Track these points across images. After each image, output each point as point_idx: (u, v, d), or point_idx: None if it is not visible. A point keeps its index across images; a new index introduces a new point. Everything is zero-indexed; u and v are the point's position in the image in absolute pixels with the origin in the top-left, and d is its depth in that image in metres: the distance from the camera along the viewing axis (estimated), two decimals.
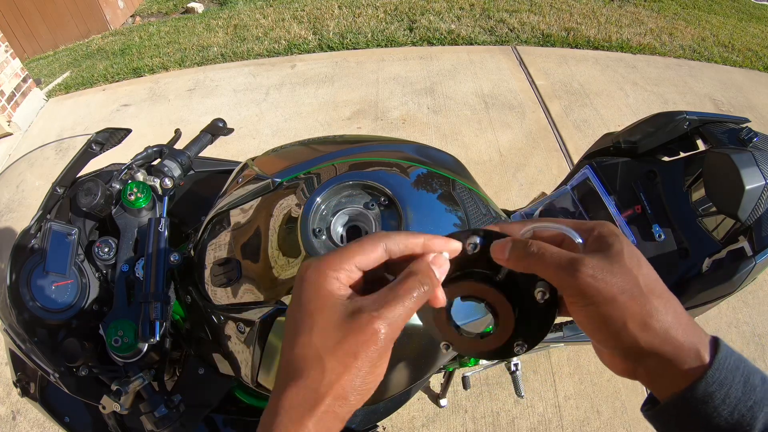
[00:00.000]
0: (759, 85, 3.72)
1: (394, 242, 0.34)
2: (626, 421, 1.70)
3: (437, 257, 0.35)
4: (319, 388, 0.30)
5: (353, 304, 0.32)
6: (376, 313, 0.31)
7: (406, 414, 1.72)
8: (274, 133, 3.03)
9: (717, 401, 0.30)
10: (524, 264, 0.35)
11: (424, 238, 0.36)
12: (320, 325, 0.31)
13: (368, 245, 0.34)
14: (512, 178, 2.65)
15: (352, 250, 0.33)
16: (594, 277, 0.32)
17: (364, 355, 0.30)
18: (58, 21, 4.97)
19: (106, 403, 0.78)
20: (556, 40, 4.01)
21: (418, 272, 0.33)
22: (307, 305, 0.32)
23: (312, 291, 0.32)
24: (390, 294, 0.32)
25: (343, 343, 0.30)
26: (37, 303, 0.82)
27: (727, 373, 0.30)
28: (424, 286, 0.33)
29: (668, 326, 0.31)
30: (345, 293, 0.32)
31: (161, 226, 0.86)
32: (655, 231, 1.00)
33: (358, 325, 0.30)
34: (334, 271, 0.33)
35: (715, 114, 1.04)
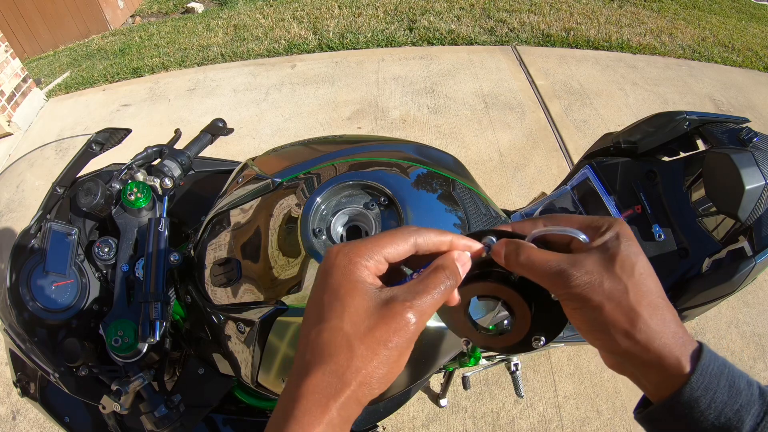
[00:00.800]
0: (759, 85, 3.72)
1: (423, 238, 0.35)
2: (626, 421, 1.70)
3: (461, 255, 0.36)
4: (346, 373, 0.30)
5: (385, 292, 0.32)
6: (409, 302, 0.31)
7: (406, 414, 1.72)
8: (274, 133, 3.03)
9: (703, 406, 0.30)
10: (518, 270, 0.37)
11: (452, 237, 0.37)
12: (351, 310, 0.31)
13: (399, 238, 0.34)
14: (512, 178, 2.65)
15: (384, 241, 0.34)
16: (581, 286, 0.33)
17: (395, 343, 0.31)
18: (58, 21, 4.97)
19: (106, 403, 0.78)
20: (556, 40, 4.01)
21: (446, 267, 0.34)
22: (338, 290, 0.32)
23: (342, 276, 0.32)
24: (420, 285, 0.33)
25: (375, 330, 0.30)
26: (37, 303, 0.82)
27: (711, 379, 0.31)
28: (449, 280, 0.34)
29: (651, 336, 0.32)
30: (374, 281, 0.33)
31: (161, 226, 0.86)
32: (655, 231, 1.00)
33: (392, 313, 0.31)
34: (363, 260, 0.33)
35: (715, 114, 1.04)
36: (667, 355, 0.32)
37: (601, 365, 1.84)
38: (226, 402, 0.97)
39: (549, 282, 0.35)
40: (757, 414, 0.30)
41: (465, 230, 0.79)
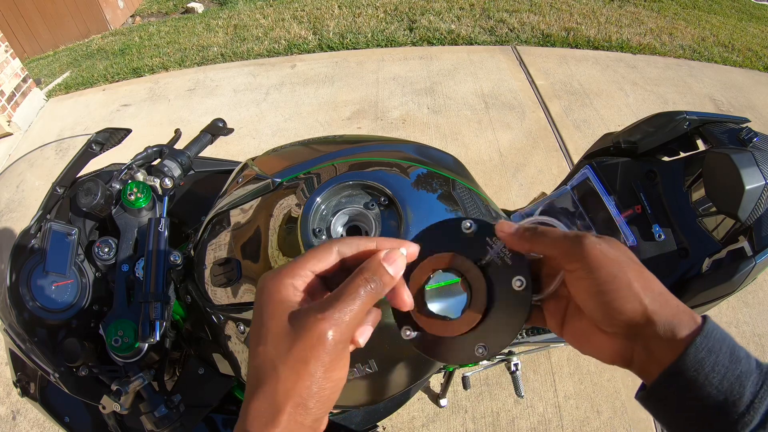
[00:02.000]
0: (759, 85, 3.72)
1: (346, 245, 0.35)
2: (626, 421, 1.70)
3: (390, 253, 0.35)
4: (276, 397, 0.30)
5: (301, 308, 0.32)
6: (321, 315, 0.30)
7: (406, 414, 1.72)
8: (274, 133, 3.03)
9: (707, 368, 0.30)
10: (528, 241, 0.37)
11: (378, 239, 0.36)
12: (273, 332, 0.31)
13: (321, 250, 0.35)
14: (512, 178, 2.65)
15: (306, 256, 0.34)
16: (598, 243, 0.34)
17: (315, 360, 0.30)
18: (58, 21, 4.97)
19: (106, 403, 0.78)
20: (556, 40, 4.01)
21: (366, 269, 0.33)
22: (262, 315, 0.32)
23: (266, 299, 0.33)
24: (336, 295, 0.32)
25: (293, 349, 0.30)
26: (37, 303, 0.82)
27: (714, 342, 0.31)
28: (371, 283, 0.33)
29: (661, 300, 0.33)
30: (298, 299, 0.33)
31: (161, 226, 0.86)
32: (655, 231, 1.00)
33: (304, 329, 0.30)
34: (290, 278, 0.33)
35: (715, 114, 1.04)
36: (682, 309, 0.33)
37: (601, 365, 1.84)
38: (226, 402, 0.97)
39: (565, 243, 0.35)
40: (756, 383, 0.30)
41: None
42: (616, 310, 0.33)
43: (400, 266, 0.35)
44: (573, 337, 0.38)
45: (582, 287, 0.35)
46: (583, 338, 0.37)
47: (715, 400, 0.30)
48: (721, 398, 0.30)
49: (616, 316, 0.33)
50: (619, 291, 0.33)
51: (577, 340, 0.38)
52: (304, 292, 0.34)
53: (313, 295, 0.34)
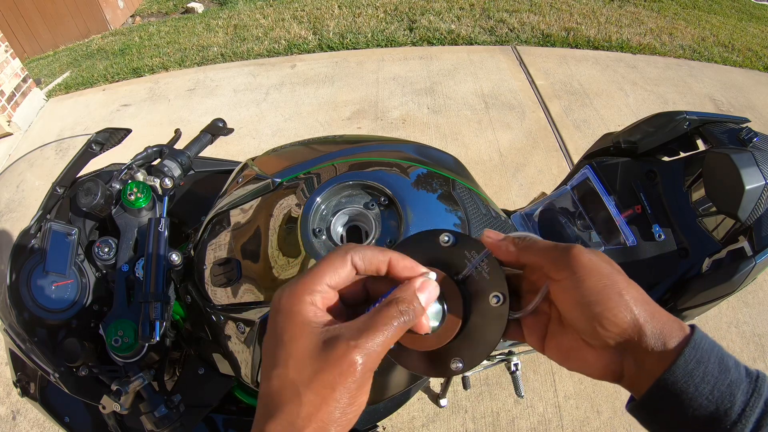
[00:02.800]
0: (759, 85, 3.72)
1: (359, 256, 0.34)
2: (626, 421, 1.70)
3: (425, 283, 0.34)
4: (297, 421, 0.29)
5: (329, 332, 0.31)
6: (354, 342, 0.29)
7: (406, 414, 1.72)
8: (274, 133, 3.03)
9: (697, 379, 0.30)
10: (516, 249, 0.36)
11: (391, 256, 0.35)
12: (296, 356, 0.30)
13: (336, 260, 0.33)
14: (512, 178, 2.65)
15: (322, 268, 0.33)
16: (587, 253, 0.34)
17: (342, 387, 0.29)
18: (58, 21, 4.97)
19: (106, 403, 0.78)
20: (556, 40, 4.01)
21: (400, 301, 0.32)
22: (282, 335, 0.31)
23: (285, 320, 0.31)
24: (369, 322, 0.31)
25: (320, 374, 0.29)
26: (37, 303, 0.82)
27: (703, 353, 0.31)
28: (404, 315, 0.32)
29: (651, 310, 0.33)
30: (322, 319, 0.31)
31: (161, 226, 0.86)
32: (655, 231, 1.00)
33: (335, 355, 0.29)
34: (309, 295, 0.32)
35: (715, 114, 1.04)
36: (671, 320, 0.32)
37: None
38: (226, 402, 0.97)
39: (553, 253, 0.34)
40: (746, 391, 0.30)
41: (465, 231, 0.79)
42: (607, 320, 0.32)
43: (432, 296, 0.35)
44: (557, 354, 0.37)
45: (569, 298, 0.34)
46: (569, 354, 0.36)
47: (707, 411, 0.30)
48: (712, 408, 0.30)
49: (607, 326, 0.32)
50: (609, 301, 0.32)
51: (561, 356, 0.37)
52: (326, 310, 0.33)
53: (332, 310, 0.33)
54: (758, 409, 0.30)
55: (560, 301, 0.35)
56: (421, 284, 0.34)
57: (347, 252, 0.33)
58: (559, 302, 0.35)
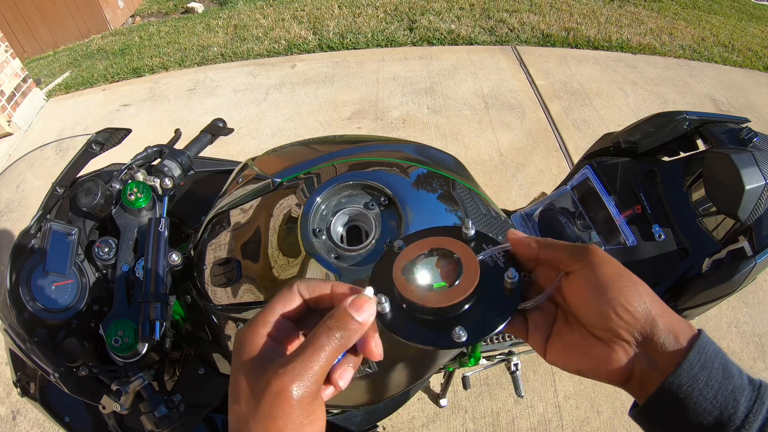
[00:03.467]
0: (759, 85, 3.72)
1: (304, 286, 0.35)
2: (626, 421, 1.70)
3: (357, 300, 0.34)
4: None
5: (267, 363, 0.31)
6: (282, 369, 0.30)
7: (406, 414, 1.72)
8: (274, 133, 3.03)
9: (701, 383, 0.30)
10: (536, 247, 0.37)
11: (332, 284, 0.36)
12: (243, 390, 0.31)
13: (286, 291, 0.35)
14: (512, 178, 2.65)
15: (273, 300, 0.35)
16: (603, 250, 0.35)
17: (282, 416, 0.29)
18: (58, 21, 4.97)
19: (106, 403, 0.78)
20: (556, 40, 4.01)
21: (330, 318, 0.33)
22: (237, 371, 0.32)
23: (239, 354, 0.32)
24: (301, 347, 0.31)
25: (260, 407, 0.30)
26: (37, 303, 0.82)
27: (707, 358, 0.31)
28: (336, 332, 0.32)
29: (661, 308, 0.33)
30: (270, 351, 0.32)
31: (161, 226, 0.86)
32: (655, 231, 1.00)
33: (268, 386, 0.30)
34: (263, 327, 0.33)
35: (715, 114, 1.04)
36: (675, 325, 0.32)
37: None
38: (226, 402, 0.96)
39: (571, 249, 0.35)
40: (749, 398, 0.30)
41: None
42: (621, 307, 0.32)
43: (368, 313, 0.34)
44: (562, 353, 0.37)
45: (584, 285, 0.34)
46: (575, 351, 0.36)
47: (710, 416, 0.30)
48: (716, 413, 0.30)
49: (621, 313, 0.32)
50: (625, 287, 0.33)
51: (567, 354, 0.36)
52: (276, 340, 0.33)
53: (286, 341, 0.34)
54: (761, 416, 0.30)
55: (574, 290, 0.35)
56: (352, 302, 0.34)
57: (293, 284, 0.36)
58: (573, 292, 0.36)
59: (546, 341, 0.38)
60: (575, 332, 0.36)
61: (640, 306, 0.32)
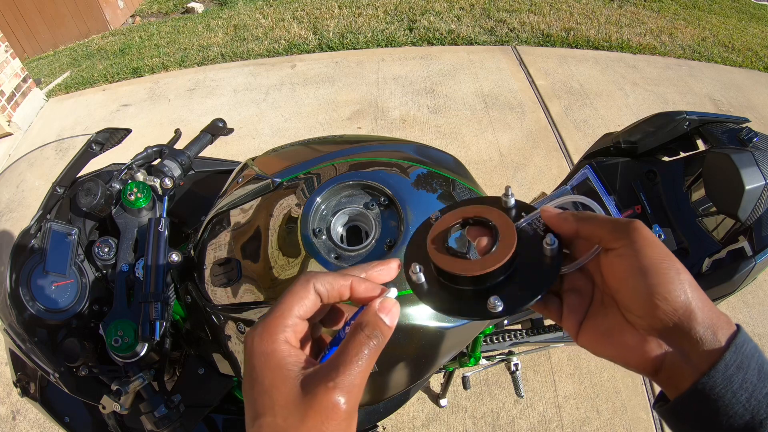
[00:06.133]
0: (759, 85, 3.72)
1: (321, 283, 0.33)
2: (626, 421, 1.70)
3: (384, 303, 0.34)
4: None
5: (307, 374, 0.30)
6: (332, 383, 0.29)
7: (406, 414, 1.72)
8: (274, 133, 3.03)
9: (735, 385, 0.29)
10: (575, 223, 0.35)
11: (352, 280, 0.34)
12: (280, 403, 0.30)
13: (300, 290, 0.33)
14: (512, 178, 2.65)
15: (288, 302, 0.33)
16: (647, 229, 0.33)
17: (332, 428, 0.29)
18: (58, 21, 4.97)
19: (106, 403, 0.78)
20: (556, 40, 4.01)
21: (365, 326, 0.32)
22: (263, 381, 0.31)
23: (263, 364, 0.31)
24: (342, 358, 0.31)
25: (306, 420, 0.29)
26: (37, 303, 0.82)
27: (744, 358, 0.30)
28: (373, 340, 0.31)
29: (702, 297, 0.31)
30: (297, 359, 0.31)
31: (161, 226, 0.86)
32: (655, 231, 1.00)
33: (317, 401, 0.29)
34: (281, 332, 0.32)
35: (715, 114, 1.04)
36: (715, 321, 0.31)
37: (601, 365, 1.84)
38: (226, 402, 0.97)
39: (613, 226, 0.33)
40: None
41: None
42: (661, 295, 0.30)
43: (395, 314, 0.34)
44: (593, 337, 0.36)
45: (625, 266, 0.32)
46: (607, 337, 0.35)
47: (742, 419, 0.29)
48: (748, 417, 0.29)
49: (659, 302, 0.31)
50: (667, 274, 0.31)
51: (598, 339, 0.35)
52: (300, 347, 0.33)
53: (305, 341, 0.34)
54: None
55: (613, 268, 0.34)
56: (380, 305, 0.33)
57: (309, 281, 0.33)
58: (611, 271, 0.34)
59: (580, 325, 0.37)
60: (609, 316, 0.35)
61: (681, 295, 0.31)
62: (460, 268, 0.35)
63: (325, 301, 0.34)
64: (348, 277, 0.34)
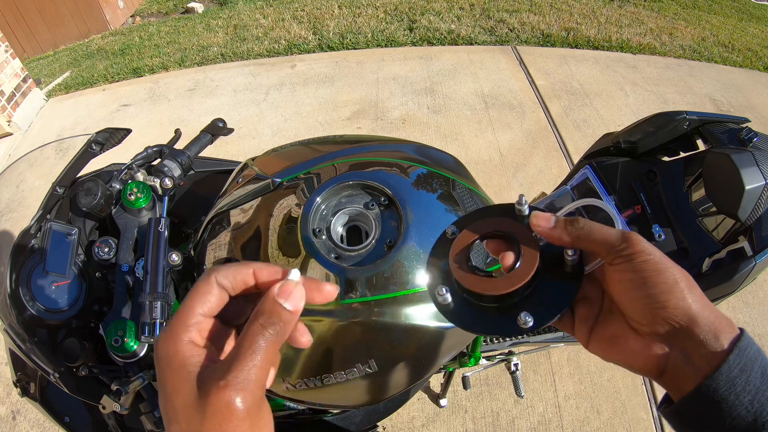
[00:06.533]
0: (759, 85, 3.72)
1: (222, 275, 0.32)
2: (626, 421, 1.70)
3: (284, 287, 0.31)
4: None
5: (203, 375, 0.29)
6: (223, 381, 0.27)
7: (406, 414, 1.72)
8: (274, 133, 3.03)
9: (739, 388, 0.30)
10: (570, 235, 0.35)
11: (254, 267, 0.33)
12: (181, 408, 0.28)
13: (202, 287, 0.32)
14: (512, 178, 2.65)
15: (190, 301, 0.31)
16: (645, 242, 0.33)
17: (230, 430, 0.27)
18: (58, 21, 4.97)
19: (106, 403, 0.78)
20: (556, 40, 4.01)
21: (260, 314, 0.30)
22: (165, 386, 0.29)
23: (166, 367, 0.29)
24: (236, 352, 0.29)
25: (205, 423, 0.27)
26: (37, 303, 0.82)
27: (747, 360, 0.30)
28: (269, 329, 0.29)
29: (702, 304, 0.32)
30: (199, 358, 0.30)
31: (161, 226, 0.86)
32: (655, 231, 1.00)
33: (210, 401, 0.27)
34: (184, 333, 0.30)
35: (715, 114, 1.04)
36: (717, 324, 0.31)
37: (601, 365, 1.84)
38: None
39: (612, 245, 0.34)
40: None
41: None
42: (660, 305, 0.31)
43: (298, 298, 0.31)
44: (601, 343, 0.36)
45: (624, 279, 0.33)
46: (614, 343, 0.35)
47: (744, 421, 0.29)
48: (750, 419, 0.29)
49: (659, 311, 0.32)
50: (665, 284, 0.32)
51: (605, 345, 0.36)
52: (205, 345, 0.31)
53: (215, 338, 0.32)
54: None
55: (614, 281, 0.35)
56: (279, 289, 0.31)
57: (210, 275, 0.32)
58: (612, 283, 0.35)
59: (590, 333, 0.37)
60: (615, 322, 0.36)
61: (680, 302, 0.31)
62: (488, 287, 0.35)
63: (232, 293, 0.32)
64: (250, 265, 0.33)
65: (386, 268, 0.70)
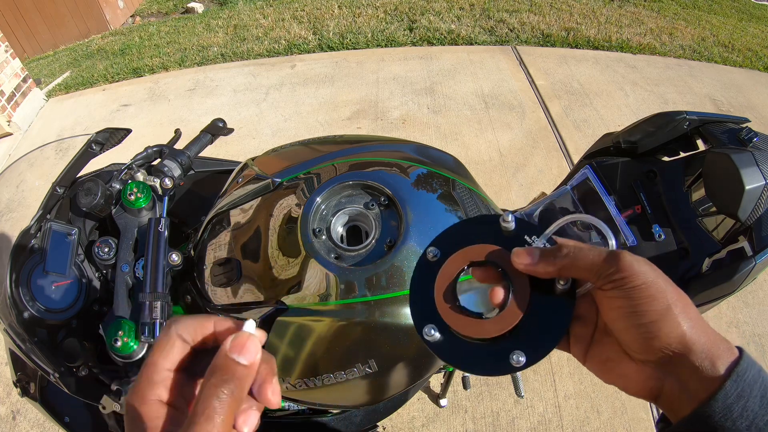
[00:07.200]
0: (759, 85, 3.72)
1: (182, 328, 0.31)
2: (626, 421, 1.70)
3: (236, 341, 0.29)
4: None
5: None
6: None
7: (406, 414, 1.72)
8: (274, 133, 3.03)
9: (735, 414, 0.29)
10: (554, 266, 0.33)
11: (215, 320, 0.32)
12: None
13: (164, 342, 0.31)
14: (512, 178, 2.65)
15: (154, 357, 0.30)
16: (635, 262, 0.31)
17: None
18: (58, 21, 4.98)
19: (106, 403, 0.78)
20: (556, 40, 4.01)
21: (214, 372, 0.28)
22: None
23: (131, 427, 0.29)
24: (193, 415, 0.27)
25: None
26: (37, 303, 0.82)
27: (745, 386, 0.30)
28: (223, 388, 0.28)
29: (701, 317, 0.31)
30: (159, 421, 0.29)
31: (161, 226, 0.86)
32: (655, 231, 1.00)
33: None
34: (151, 391, 0.29)
35: (715, 114, 1.04)
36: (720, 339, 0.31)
37: None
38: None
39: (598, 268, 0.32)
40: None
41: None
42: (652, 334, 0.30)
43: (253, 351, 0.29)
44: (597, 365, 0.36)
45: (614, 306, 0.32)
46: (608, 366, 0.35)
47: None
48: None
49: (651, 341, 0.31)
50: (656, 312, 0.30)
51: (600, 368, 0.35)
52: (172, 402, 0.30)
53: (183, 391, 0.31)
54: None
55: (605, 308, 0.34)
56: (231, 344, 0.29)
57: (169, 328, 0.31)
58: (604, 310, 0.34)
59: (586, 352, 0.37)
60: (609, 345, 0.35)
61: (674, 330, 0.30)
62: (478, 331, 0.34)
63: (193, 345, 0.32)
64: (211, 317, 0.32)
65: (386, 268, 0.70)
